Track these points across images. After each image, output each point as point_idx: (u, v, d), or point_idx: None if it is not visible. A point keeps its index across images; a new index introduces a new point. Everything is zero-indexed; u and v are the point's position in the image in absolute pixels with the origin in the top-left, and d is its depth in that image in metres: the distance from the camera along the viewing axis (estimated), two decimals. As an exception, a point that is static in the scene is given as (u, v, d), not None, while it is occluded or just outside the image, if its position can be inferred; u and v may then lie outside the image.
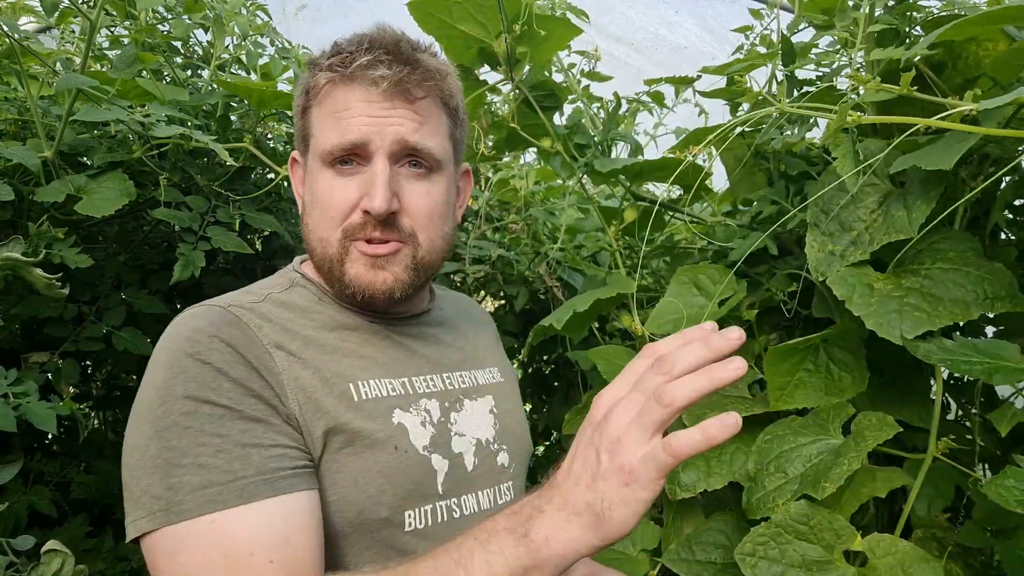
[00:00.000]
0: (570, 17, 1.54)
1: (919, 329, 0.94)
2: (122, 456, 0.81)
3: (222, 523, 0.74)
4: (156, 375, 0.81)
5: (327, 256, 0.92)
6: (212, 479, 0.75)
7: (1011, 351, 0.89)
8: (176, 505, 0.74)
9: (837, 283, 1.01)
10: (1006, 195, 1.08)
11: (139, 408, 0.80)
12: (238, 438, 0.77)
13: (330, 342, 0.92)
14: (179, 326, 0.85)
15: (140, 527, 0.76)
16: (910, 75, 0.80)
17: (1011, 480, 0.83)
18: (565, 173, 1.51)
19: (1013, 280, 0.97)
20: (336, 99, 0.90)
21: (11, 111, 1.49)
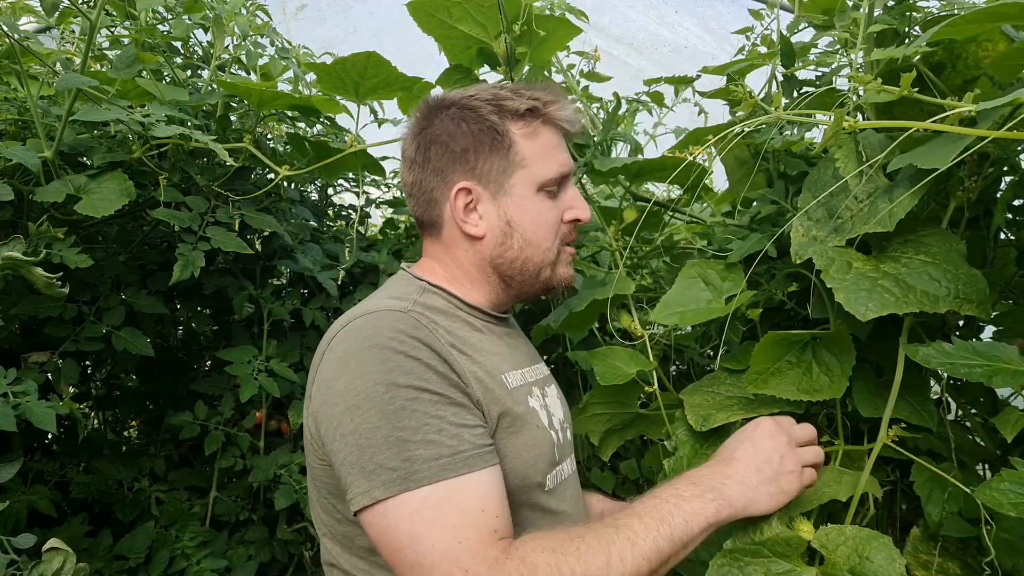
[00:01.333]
0: (570, 17, 1.54)
1: (884, 311, 0.95)
2: (332, 439, 0.94)
3: (455, 487, 0.90)
4: (369, 369, 0.93)
5: (545, 262, 1.14)
6: (441, 452, 0.90)
7: (1010, 353, 0.89)
8: (414, 473, 0.89)
9: (818, 255, 1.03)
10: (1007, 196, 1.08)
11: (354, 397, 0.93)
12: (452, 419, 0.94)
13: (473, 340, 1.09)
14: (373, 328, 0.98)
15: (375, 495, 0.89)
16: (911, 75, 0.80)
17: (1006, 483, 0.83)
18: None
19: (986, 288, 0.97)
20: (545, 137, 1.12)
21: (11, 111, 1.49)
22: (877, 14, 1.02)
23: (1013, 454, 1.17)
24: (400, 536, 0.89)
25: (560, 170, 1.12)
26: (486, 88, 1.14)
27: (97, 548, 1.64)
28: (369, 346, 0.96)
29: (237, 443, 1.83)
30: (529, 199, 1.12)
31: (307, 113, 1.78)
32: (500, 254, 1.13)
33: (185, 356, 2.05)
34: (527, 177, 1.11)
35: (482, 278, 1.16)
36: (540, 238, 1.13)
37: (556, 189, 1.14)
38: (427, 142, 1.13)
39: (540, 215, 1.12)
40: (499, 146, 1.09)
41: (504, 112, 1.10)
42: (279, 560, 1.88)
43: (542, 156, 1.11)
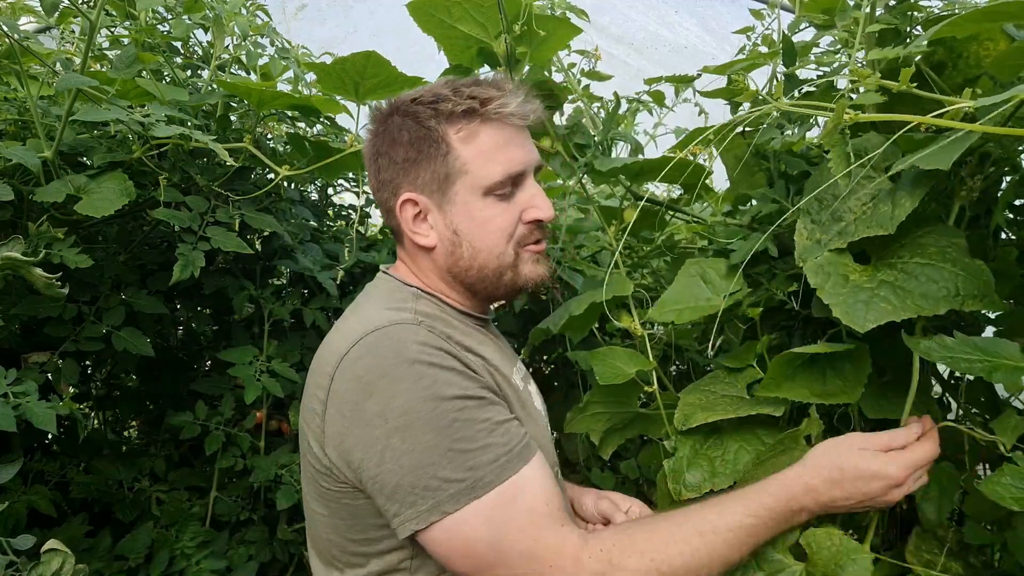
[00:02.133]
0: (570, 17, 1.54)
1: (881, 320, 0.94)
2: (377, 464, 0.91)
3: (518, 484, 0.91)
4: (409, 386, 0.91)
5: (502, 266, 1.10)
6: (498, 453, 0.91)
7: (1011, 349, 0.88)
8: (479, 480, 0.89)
9: (812, 271, 1.02)
10: (1008, 195, 1.08)
11: (402, 418, 0.90)
12: (497, 418, 0.95)
13: (473, 343, 1.08)
14: (398, 343, 0.95)
15: (445, 510, 0.88)
16: (909, 71, 0.80)
17: (1008, 477, 0.83)
18: (565, 173, 1.51)
19: (990, 279, 0.96)
20: (489, 137, 1.06)
21: (11, 111, 1.49)
22: (878, 13, 1.02)
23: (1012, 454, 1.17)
24: (478, 545, 0.89)
25: (507, 170, 1.06)
26: (432, 88, 1.10)
27: (97, 548, 1.64)
28: (397, 363, 0.93)
29: (238, 443, 1.83)
30: (474, 205, 1.07)
31: (307, 113, 1.78)
32: (453, 263, 1.10)
33: (185, 356, 2.05)
34: (469, 183, 1.06)
35: (450, 284, 1.14)
36: (490, 244, 1.08)
37: (509, 190, 1.08)
38: (375, 153, 1.12)
39: (489, 221, 1.07)
40: (436, 153, 1.05)
41: (440, 115, 1.05)
42: (279, 560, 1.88)
43: (483, 159, 1.05)
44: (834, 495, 0.94)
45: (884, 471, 0.93)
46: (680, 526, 0.93)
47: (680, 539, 0.91)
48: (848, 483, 0.94)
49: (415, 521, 0.89)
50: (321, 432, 0.98)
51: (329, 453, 0.97)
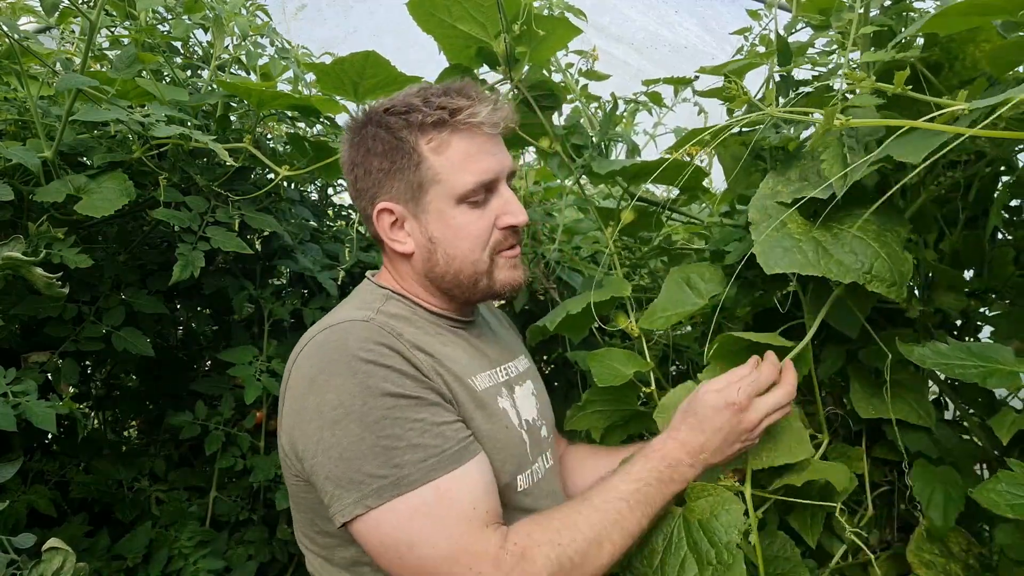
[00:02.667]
0: (569, 17, 1.54)
1: (787, 268, 0.97)
2: (313, 454, 0.95)
3: (444, 486, 0.92)
4: (342, 381, 0.94)
5: (477, 273, 1.12)
6: (427, 454, 0.92)
7: (1005, 354, 0.89)
8: (404, 478, 0.91)
9: (755, 207, 1.05)
10: (1004, 196, 1.08)
11: (331, 412, 0.93)
12: (432, 420, 0.96)
13: (436, 345, 1.09)
14: (340, 342, 0.99)
15: (368, 504, 0.90)
16: (904, 74, 0.80)
17: (1003, 484, 0.83)
18: (563, 173, 1.51)
19: (909, 272, 0.98)
20: (459, 147, 1.08)
21: (11, 111, 1.49)
22: (873, 14, 1.03)
23: (1011, 454, 1.17)
24: (398, 543, 0.90)
25: (479, 179, 1.08)
26: (404, 97, 1.11)
27: (96, 548, 1.64)
28: (337, 358, 0.96)
29: (237, 443, 1.83)
30: (449, 213, 1.09)
31: (307, 113, 1.78)
32: (430, 269, 1.13)
33: (185, 356, 2.05)
34: (442, 192, 1.08)
35: (427, 288, 1.17)
36: (465, 251, 1.11)
37: (482, 198, 1.10)
38: (352, 163, 1.14)
39: (463, 228, 1.10)
40: (409, 164, 1.08)
41: (412, 126, 1.07)
42: (279, 560, 1.88)
43: (455, 168, 1.07)
44: (700, 440, 1.03)
45: (728, 398, 1.02)
46: (579, 508, 0.98)
47: (581, 520, 0.96)
48: (706, 423, 1.03)
49: (341, 513, 0.92)
50: (282, 425, 1.04)
51: (284, 443, 1.03)
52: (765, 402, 1.03)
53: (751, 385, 1.03)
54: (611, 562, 0.95)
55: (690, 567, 0.95)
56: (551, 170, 1.52)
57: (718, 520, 0.97)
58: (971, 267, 1.21)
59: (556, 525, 0.96)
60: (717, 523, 0.96)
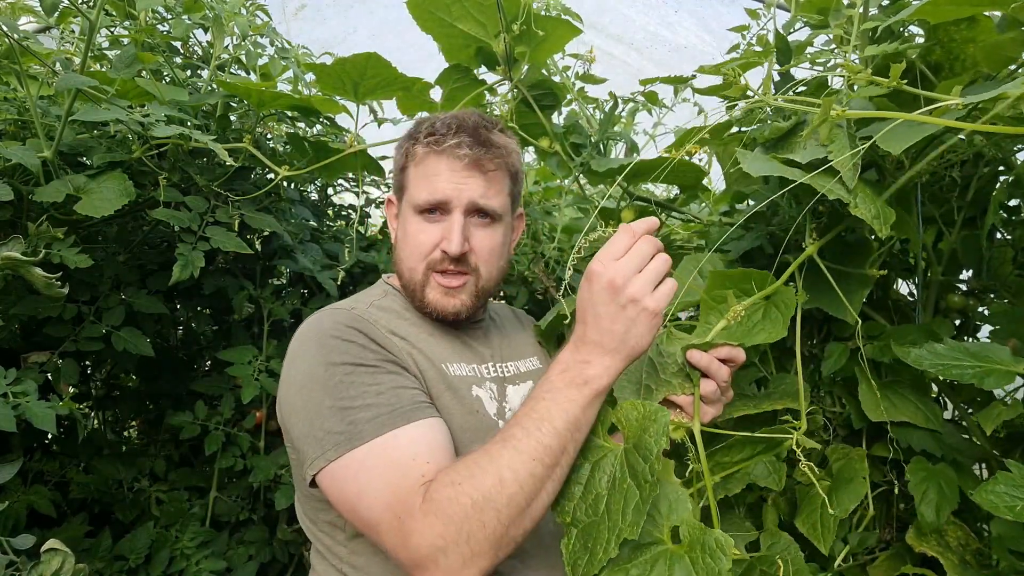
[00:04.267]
0: (567, 19, 1.54)
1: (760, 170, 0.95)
2: (289, 419, 1.06)
3: (391, 440, 0.97)
4: (311, 354, 1.06)
5: (413, 281, 1.20)
6: (379, 412, 0.99)
7: (1002, 354, 0.89)
8: (357, 434, 0.97)
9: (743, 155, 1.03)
10: (1002, 195, 1.08)
11: (301, 379, 1.05)
12: (390, 383, 1.03)
13: (415, 333, 1.18)
14: (317, 322, 1.12)
15: (328, 457, 0.97)
16: (900, 66, 0.80)
17: (1001, 486, 0.83)
18: (562, 173, 1.51)
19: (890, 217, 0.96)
20: (428, 165, 1.18)
21: (11, 111, 1.49)
22: (872, 13, 1.03)
23: (1011, 455, 1.17)
24: (350, 494, 0.96)
25: (431, 197, 1.16)
26: (435, 116, 1.24)
27: (97, 548, 1.64)
28: (308, 337, 1.10)
29: (237, 443, 1.83)
30: (410, 219, 1.20)
31: (307, 113, 1.78)
32: (395, 264, 1.26)
33: (185, 356, 2.05)
34: (408, 198, 1.21)
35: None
36: (408, 255, 1.20)
37: (437, 216, 1.18)
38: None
39: (412, 235, 1.20)
40: (401, 166, 1.24)
41: (412, 136, 1.22)
42: (279, 560, 1.88)
43: (420, 181, 1.18)
44: (598, 328, 0.95)
45: (596, 271, 0.95)
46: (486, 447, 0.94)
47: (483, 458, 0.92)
48: (597, 308, 0.94)
49: (311, 468, 0.99)
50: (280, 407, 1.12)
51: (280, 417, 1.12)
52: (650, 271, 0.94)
53: (612, 251, 0.96)
54: (523, 491, 0.89)
55: (632, 495, 0.87)
56: (551, 169, 1.52)
57: (647, 434, 0.90)
58: (970, 267, 1.21)
59: (460, 465, 0.93)
60: (647, 437, 0.89)
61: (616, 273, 0.93)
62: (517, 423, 0.94)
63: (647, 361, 1.11)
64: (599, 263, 0.95)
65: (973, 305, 1.22)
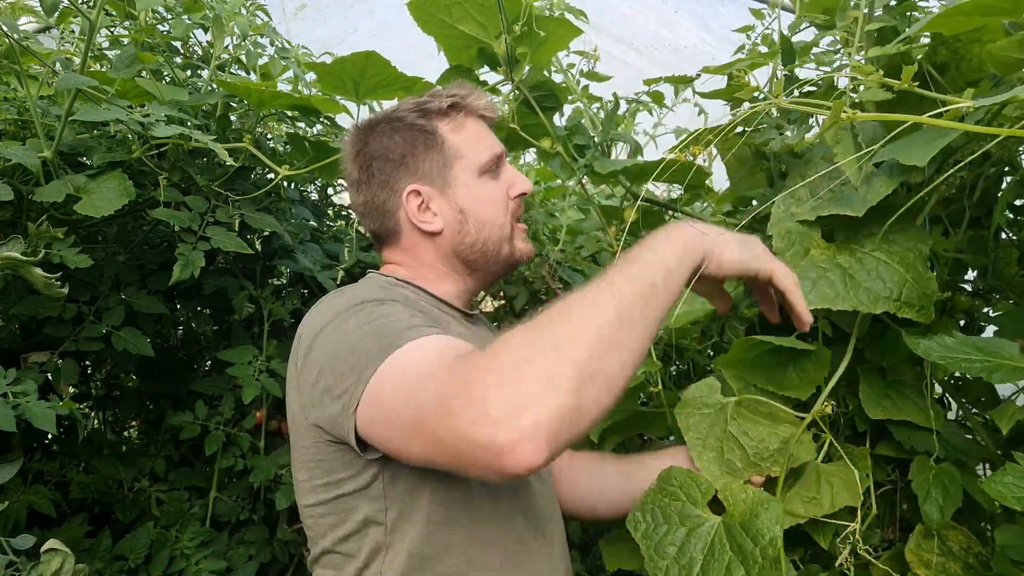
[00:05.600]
0: (569, 18, 1.54)
1: (818, 304, 0.98)
2: (330, 372, 0.96)
3: (425, 340, 0.91)
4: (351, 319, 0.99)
5: (500, 238, 1.20)
6: (413, 323, 0.96)
7: (1011, 349, 0.88)
8: (391, 344, 0.91)
9: (779, 235, 1.04)
10: (1008, 195, 1.08)
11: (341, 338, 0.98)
12: (422, 323, 0.99)
13: (440, 318, 1.15)
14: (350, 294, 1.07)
15: (364, 376, 0.90)
16: (912, 69, 0.80)
17: (1009, 477, 0.83)
18: (565, 174, 1.51)
19: (934, 293, 0.98)
20: (470, 129, 1.20)
21: (11, 111, 1.49)
22: (877, 13, 1.02)
23: (1014, 452, 1.17)
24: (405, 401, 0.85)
25: (492, 152, 1.20)
26: (406, 100, 1.23)
27: (97, 548, 1.63)
28: (345, 308, 1.02)
29: (237, 443, 1.83)
30: (473, 185, 1.19)
31: (307, 113, 1.78)
32: (460, 241, 1.19)
33: (185, 356, 2.05)
34: (466, 166, 1.18)
35: (448, 270, 1.22)
36: (493, 216, 1.20)
37: (496, 170, 1.21)
38: (367, 160, 1.20)
39: (487, 195, 1.20)
40: (432, 144, 1.18)
41: (429, 114, 1.19)
42: (279, 560, 1.88)
43: (474, 144, 1.19)
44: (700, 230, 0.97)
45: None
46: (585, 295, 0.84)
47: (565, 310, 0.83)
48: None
49: (353, 399, 0.90)
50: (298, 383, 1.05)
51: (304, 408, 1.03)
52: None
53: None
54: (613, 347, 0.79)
55: (736, 569, 0.95)
56: (553, 170, 1.52)
57: (759, 519, 0.97)
58: (975, 267, 1.21)
59: (539, 323, 0.82)
60: (758, 522, 0.97)
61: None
62: (608, 280, 0.86)
63: (730, 436, 1.13)
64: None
65: (979, 305, 1.22)
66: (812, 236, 1.05)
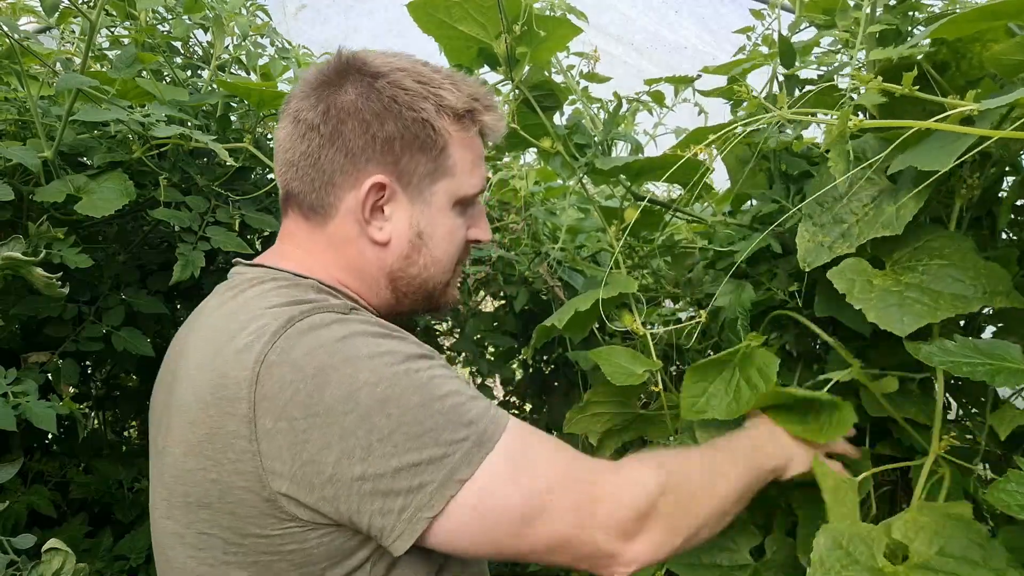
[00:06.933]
0: (571, 19, 1.54)
1: (922, 321, 0.95)
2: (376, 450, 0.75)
3: (516, 428, 0.82)
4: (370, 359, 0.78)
5: (440, 281, 1.01)
6: (485, 402, 0.82)
7: (1013, 352, 0.88)
8: (483, 433, 0.79)
9: (838, 277, 1.02)
10: (1012, 196, 1.08)
11: (377, 390, 0.76)
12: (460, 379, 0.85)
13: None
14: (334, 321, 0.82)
15: (460, 477, 0.76)
16: (912, 75, 0.80)
17: (1013, 484, 0.83)
18: (565, 173, 1.50)
19: (1009, 278, 0.97)
20: (476, 146, 0.99)
21: (11, 111, 1.49)
22: (878, 14, 1.02)
23: (1014, 454, 1.17)
24: (512, 503, 0.78)
25: (479, 186, 1.00)
26: (415, 64, 0.95)
27: (97, 548, 1.64)
28: (345, 339, 0.79)
29: (237, 443, 1.82)
30: (445, 212, 0.97)
31: (307, 113, 1.77)
32: (402, 268, 0.97)
33: (185, 356, 2.04)
34: (450, 188, 0.96)
35: (372, 283, 0.98)
36: (445, 253, 0.99)
37: (469, 205, 1.02)
38: (340, 112, 0.91)
39: (450, 229, 0.99)
40: (431, 146, 0.93)
41: (442, 107, 0.93)
42: (279, 560, 1.87)
43: (470, 167, 0.98)
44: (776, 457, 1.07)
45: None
46: (694, 452, 1.04)
47: (691, 457, 1.00)
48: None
49: (428, 507, 0.75)
50: (253, 458, 0.77)
51: (273, 483, 0.77)
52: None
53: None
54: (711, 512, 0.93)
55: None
56: (554, 170, 1.51)
57: (955, 538, 0.90)
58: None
59: (665, 455, 0.97)
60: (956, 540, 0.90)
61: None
62: (724, 456, 1.02)
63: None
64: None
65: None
66: (864, 267, 1.03)
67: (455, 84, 0.96)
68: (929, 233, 1.04)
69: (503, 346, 2.30)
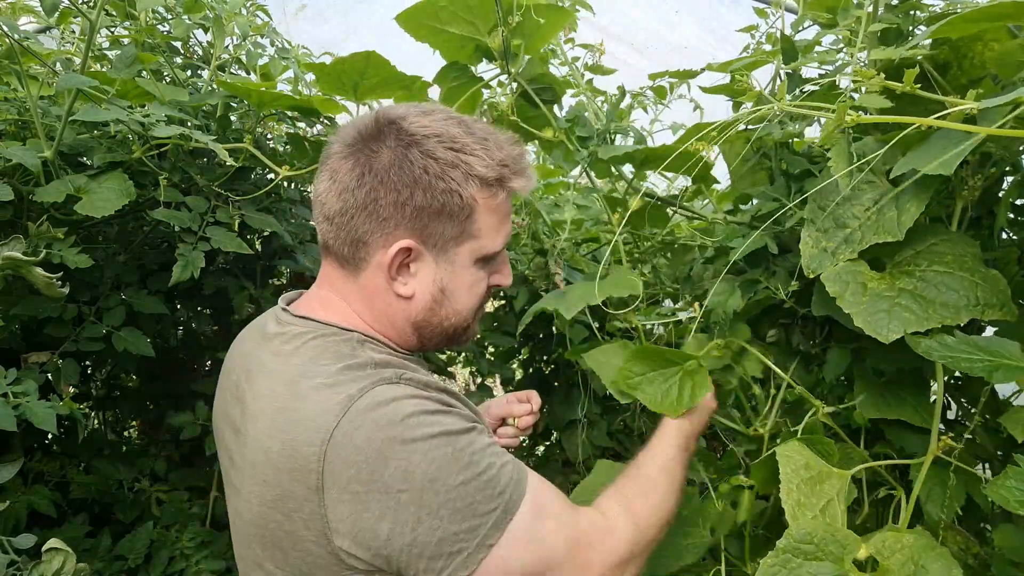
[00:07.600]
0: (577, 11, 1.54)
1: (906, 329, 0.95)
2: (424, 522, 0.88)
3: (534, 491, 0.96)
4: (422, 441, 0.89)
5: (462, 326, 1.10)
6: (510, 470, 0.94)
7: (1012, 349, 0.88)
8: (509, 501, 0.92)
9: (831, 280, 1.02)
10: (1010, 195, 1.07)
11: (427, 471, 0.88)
12: (489, 439, 0.96)
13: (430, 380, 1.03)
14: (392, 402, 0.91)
15: (489, 543, 0.90)
16: (913, 72, 0.80)
17: (1012, 481, 0.82)
18: (568, 163, 1.50)
19: (1007, 288, 0.97)
20: (503, 208, 1.05)
21: (11, 111, 1.49)
22: (880, 13, 1.02)
23: (1014, 453, 1.16)
24: (529, 560, 0.93)
25: (504, 242, 1.07)
26: (449, 127, 1.00)
27: (97, 548, 1.64)
28: (401, 420, 0.89)
29: (237, 443, 1.83)
30: (467, 269, 1.05)
31: (307, 113, 1.78)
32: (426, 318, 1.06)
33: (185, 356, 2.05)
34: (474, 248, 1.03)
35: (400, 331, 1.07)
36: (469, 306, 1.08)
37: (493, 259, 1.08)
38: (375, 179, 0.97)
39: (473, 285, 1.07)
40: (458, 215, 0.99)
41: (471, 176, 0.99)
42: (280, 560, 1.87)
43: (495, 229, 1.04)
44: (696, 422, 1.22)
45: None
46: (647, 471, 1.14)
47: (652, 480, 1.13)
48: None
49: (464, 567, 0.88)
50: (321, 520, 0.90)
51: (337, 540, 0.89)
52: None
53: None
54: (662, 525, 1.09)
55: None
56: (556, 162, 1.51)
57: (929, 571, 0.88)
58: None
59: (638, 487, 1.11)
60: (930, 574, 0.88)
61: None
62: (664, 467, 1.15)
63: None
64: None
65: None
66: (860, 270, 1.03)
67: (487, 150, 1.00)
68: (934, 236, 1.03)
69: (503, 346, 2.30)
